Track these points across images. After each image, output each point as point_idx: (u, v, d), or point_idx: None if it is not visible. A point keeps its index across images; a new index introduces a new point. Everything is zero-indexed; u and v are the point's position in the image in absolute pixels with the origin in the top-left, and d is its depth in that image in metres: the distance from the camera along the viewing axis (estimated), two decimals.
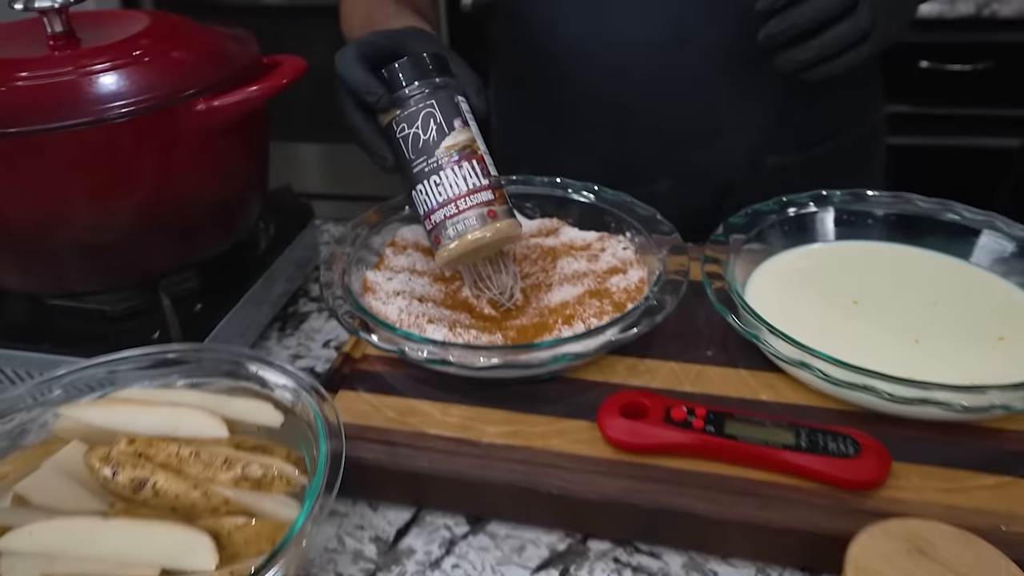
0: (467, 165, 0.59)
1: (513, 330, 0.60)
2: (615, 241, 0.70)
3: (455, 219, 0.59)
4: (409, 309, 0.62)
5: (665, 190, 0.87)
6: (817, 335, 0.56)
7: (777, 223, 0.69)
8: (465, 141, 0.60)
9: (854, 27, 0.63)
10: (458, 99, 0.61)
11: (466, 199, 0.59)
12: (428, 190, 0.60)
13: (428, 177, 0.60)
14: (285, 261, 0.74)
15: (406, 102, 0.60)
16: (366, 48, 0.62)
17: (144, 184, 0.57)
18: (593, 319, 0.60)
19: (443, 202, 0.59)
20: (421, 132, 0.60)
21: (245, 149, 0.64)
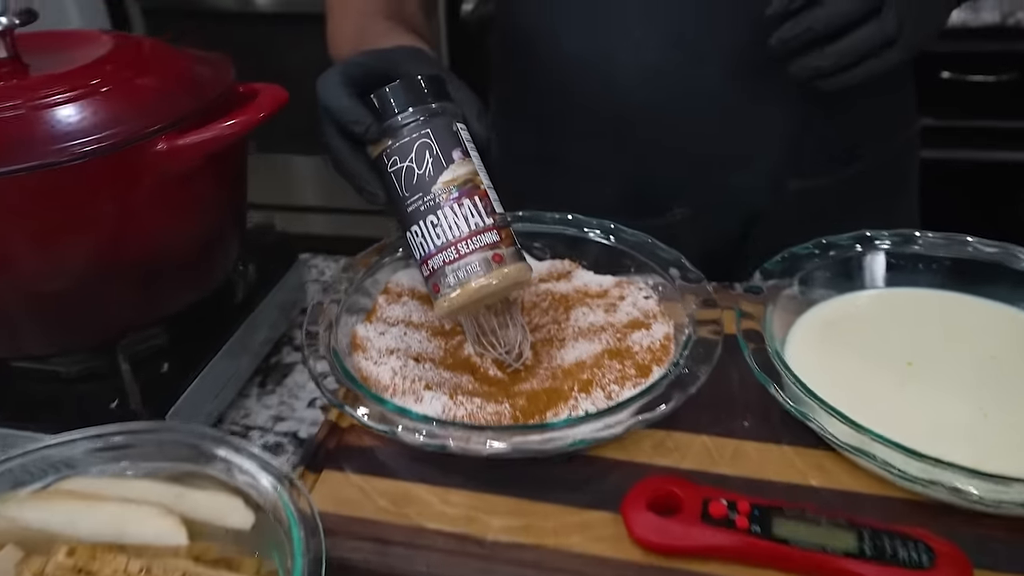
0: (468, 203, 0.52)
1: (523, 397, 0.53)
2: (635, 288, 0.62)
3: (456, 265, 0.52)
4: (404, 371, 0.55)
5: (683, 220, 0.79)
6: (870, 406, 0.49)
7: (817, 268, 0.61)
8: (466, 175, 0.52)
9: (878, 32, 0.56)
10: (457, 127, 0.53)
11: (468, 242, 0.52)
12: (424, 232, 0.52)
13: (424, 217, 0.52)
14: (267, 307, 0.67)
15: (398, 132, 0.52)
16: (352, 70, 0.55)
17: (97, 234, 0.50)
18: (614, 385, 0.53)
19: (441, 245, 0.52)
20: (415, 166, 0.52)
21: (218, 188, 0.56)
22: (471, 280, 0.52)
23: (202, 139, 0.49)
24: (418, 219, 0.53)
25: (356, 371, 0.56)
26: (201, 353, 0.59)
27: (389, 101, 0.53)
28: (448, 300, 0.53)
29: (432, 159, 0.52)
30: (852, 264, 0.62)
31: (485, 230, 0.52)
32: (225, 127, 0.50)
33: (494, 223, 0.52)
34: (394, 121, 0.53)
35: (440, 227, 0.52)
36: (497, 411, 0.52)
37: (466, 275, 0.52)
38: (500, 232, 0.52)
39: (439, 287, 0.53)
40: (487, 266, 0.52)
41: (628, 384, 0.53)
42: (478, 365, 0.57)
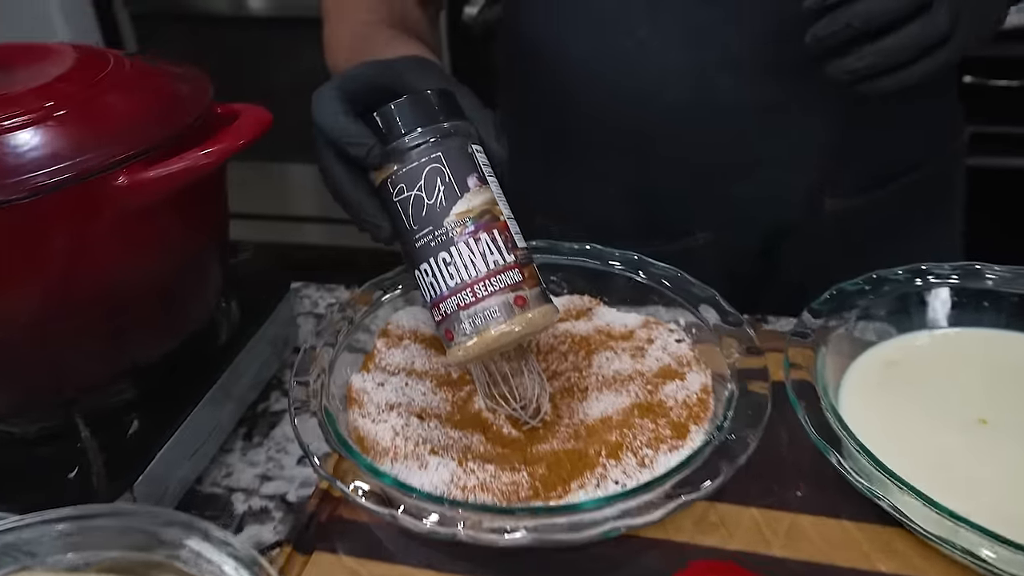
0: (486, 237, 0.45)
1: (542, 463, 0.46)
2: (665, 330, 0.56)
3: (472, 310, 0.45)
4: (406, 431, 0.48)
5: (705, 244, 0.73)
6: (942, 475, 0.42)
7: (869, 306, 0.54)
8: (483, 205, 0.46)
9: (930, 28, 0.49)
10: (472, 148, 0.47)
11: (486, 283, 0.45)
12: (436, 271, 0.46)
13: (436, 254, 0.46)
14: (255, 347, 0.60)
15: (405, 155, 0.46)
16: (352, 85, 0.48)
17: (47, 278, 0.43)
18: (647, 449, 0.46)
19: (455, 287, 0.45)
20: (425, 195, 0.46)
21: (192, 222, 0.50)
22: (490, 327, 0.45)
23: (170, 171, 0.42)
24: (428, 256, 0.46)
25: (352, 431, 0.49)
26: (177, 406, 0.52)
27: (394, 120, 0.46)
28: (464, 349, 0.46)
29: (444, 187, 0.45)
30: (909, 301, 0.55)
31: (505, 269, 0.45)
32: (198, 157, 0.43)
33: (516, 260, 0.46)
34: (400, 143, 0.46)
35: (454, 266, 0.45)
36: (514, 481, 0.45)
37: (484, 321, 0.45)
38: (523, 271, 0.46)
39: (452, 334, 0.46)
40: (508, 311, 0.45)
41: (663, 448, 0.46)
42: (490, 422, 0.50)
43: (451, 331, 0.47)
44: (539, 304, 0.46)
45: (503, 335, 0.45)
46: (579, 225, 0.70)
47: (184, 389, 0.54)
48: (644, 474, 0.45)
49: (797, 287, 0.74)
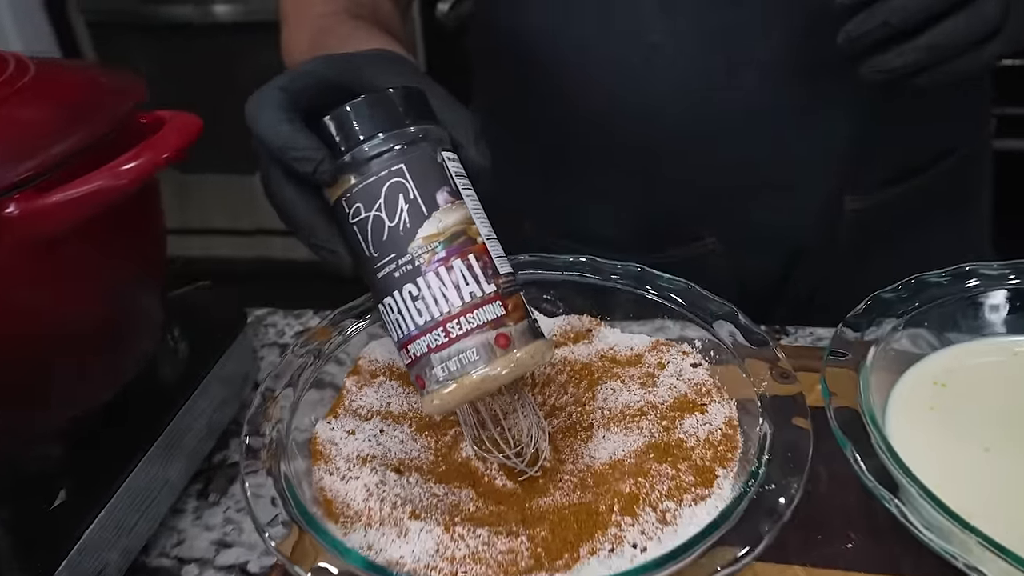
0: (460, 265, 0.38)
1: (544, 524, 0.39)
2: (678, 352, 0.48)
3: (446, 352, 0.38)
4: (381, 490, 0.40)
5: (712, 252, 0.66)
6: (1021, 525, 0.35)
7: (911, 315, 0.47)
8: (456, 225, 0.38)
9: (977, 21, 0.43)
10: (443, 157, 0.39)
11: (461, 320, 0.38)
12: (402, 307, 0.38)
13: (400, 286, 0.38)
14: (207, 391, 0.52)
15: (361, 169, 0.38)
16: (298, 84, 0.41)
17: None
18: (668, 502, 0.39)
19: (426, 326, 0.38)
20: (385, 216, 0.38)
21: (119, 251, 0.42)
22: (467, 373, 0.38)
23: (75, 196, 0.34)
24: (392, 289, 0.39)
25: (318, 491, 0.41)
26: (115, 466, 0.45)
27: (348, 126, 0.39)
28: (439, 397, 0.39)
29: (408, 205, 0.38)
30: (956, 307, 0.48)
31: (484, 302, 0.38)
32: (110, 177, 0.35)
33: (497, 291, 0.38)
34: (356, 154, 0.38)
35: (422, 300, 0.38)
36: (511, 548, 0.37)
37: (460, 366, 0.38)
38: (505, 303, 0.38)
39: (424, 381, 0.39)
40: (488, 353, 0.38)
41: (687, 499, 0.39)
42: (481, 472, 0.43)
43: (422, 378, 0.39)
44: (526, 341, 0.39)
45: (483, 382, 0.38)
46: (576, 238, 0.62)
47: (123, 445, 0.46)
48: (667, 535, 0.37)
49: (812, 293, 0.67)
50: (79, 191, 0.35)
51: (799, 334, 0.60)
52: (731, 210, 0.64)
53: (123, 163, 0.36)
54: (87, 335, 0.42)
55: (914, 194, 0.65)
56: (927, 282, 0.48)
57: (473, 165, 0.41)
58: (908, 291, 0.48)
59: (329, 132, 0.39)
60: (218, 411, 0.53)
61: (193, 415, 0.50)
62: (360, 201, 0.39)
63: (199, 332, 0.54)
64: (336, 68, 0.42)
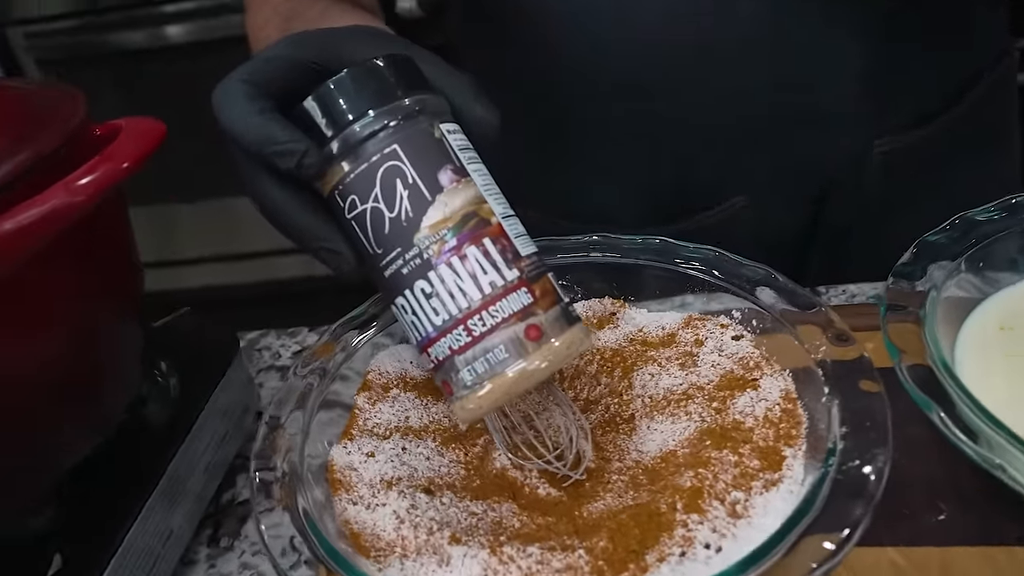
0: (475, 252, 0.33)
1: (601, 533, 0.34)
2: (715, 326, 0.44)
3: (471, 352, 0.34)
4: (413, 516, 0.36)
5: (734, 214, 0.61)
6: None
7: (964, 256, 0.43)
8: (465, 206, 0.34)
9: None
10: (442, 130, 0.35)
11: (484, 315, 0.33)
12: (416, 306, 0.34)
13: (411, 284, 0.34)
14: (205, 426, 0.47)
15: (350, 155, 0.34)
16: (267, 69, 0.36)
17: None
18: (736, 492, 0.34)
19: (445, 325, 0.34)
20: (384, 206, 0.34)
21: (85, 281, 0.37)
22: (498, 373, 0.33)
23: (27, 222, 0.30)
24: (402, 287, 0.34)
25: (343, 524, 0.37)
26: (112, 523, 0.40)
27: (330, 107, 0.34)
28: (470, 403, 0.34)
29: (408, 191, 0.34)
30: (1009, 243, 0.44)
31: (508, 290, 0.33)
32: (63, 196, 0.30)
33: (521, 275, 0.34)
34: (343, 138, 0.34)
35: (437, 297, 0.34)
36: (569, 565, 0.33)
37: (488, 367, 0.33)
38: (532, 288, 0.34)
39: (451, 387, 0.35)
40: (519, 348, 0.33)
41: (756, 485, 0.35)
42: (520, 482, 0.39)
43: (449, 383, 0.35)
44: (561, 329, 0.34)
45: (517, 381, 0.34)
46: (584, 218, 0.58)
47: (119, 498, 0.41)
48: (741, 529, 0.33)
49: (839, 250, 0.64)
50: (32, 214, 0.30)
51: (831, 293, 0.56)
52: (750, 154, 0.59)
53: (79, 177, 0.31)
54: (60, 380, 0.37)
55: (943, 135, 0.61)
56: (975, 220, 0.44)
57: (480, 124, 0.36)
58: (956, 231, 0.44)
59: (310, 117, 0.34)
60: (220, 447, 0.49)
61: (192, 455, 0.46)
62: (354, 192, 0.34)
63: (188, 364, 0.49)
64: (309, 47, 0.38)
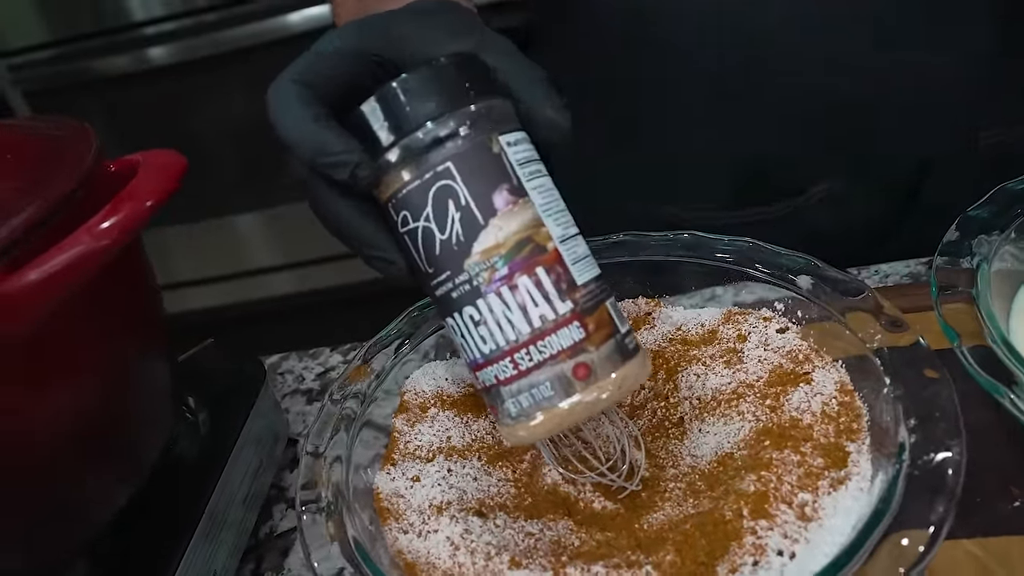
0: (527, 282, 0.32)
1: (667, 546, 0.33)
2: (757, 319, 0.43)
3: (515, 386, 0.32)
4: (468, 541, 0.35)
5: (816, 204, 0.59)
6: None
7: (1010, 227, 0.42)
8: (520, 231, 0.32)
9: None
10: (501, 143, 0.32)
11: (531, 350, 0.32)
12: (464, 331, 0.33)
13: (459, 308, 0.33)
14: (239, 461, 0.46)
15: (405, 168, 0.32)
16: (322, 70, 0.34)
17: None
18: (803, 493, 0.33)
19: (492, 355, 0.33)
20: (435, 227, 0.32)
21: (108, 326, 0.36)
22: (542, 409, 0.32)
23: (52, 271, 0.28)
24: (452, 310, 0.33)
25: (396, 554, 0.36)
26: (154, 570, 0.39)
27: (390, 114, 0.32)
28: (518, 431, 0.33)
29: (460, 213, 0.32)
30: None
31: (558, 325, 0.32)
32: (88, 242, 0.29)
33: (574, 309, 0.32)
34: (397, 150, 0.32)
35: (484, 326, 0.32)
36: None
37: (532, 402, 0.32)
38: (585, 322, 0.32)
39: (496, 412, 0.34)
40: (565, 386, 0.32)
41: (823, 485, 0.33)
42: (574, 497, 0.37)
43: (495, 408, 0.34)
44: (613, 367, 0.32)
45: (563, 418, 0.32)
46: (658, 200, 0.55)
47: (158, 543, 0.40)
48: (813, 532, 0.32)
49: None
50: (57, 262, 0.29)
51: (864, 275, 0.54)
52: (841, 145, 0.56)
53: (102, 220, 0.30)
54: (93, 432, 0.36)
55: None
56: (1014, 191, 0.43)
57: (550, 128, 0.34)
58: (996, 204, 0.43)
59: (366, 124, 0.32)
60: (255, 479, 0.48)
61: (229, 491, 0.45)
62: (407, 208, 0.33)
63: (216, 396, 0.48)
64: (370, 37, 0.35)
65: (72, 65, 1.71)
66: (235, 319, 1.90)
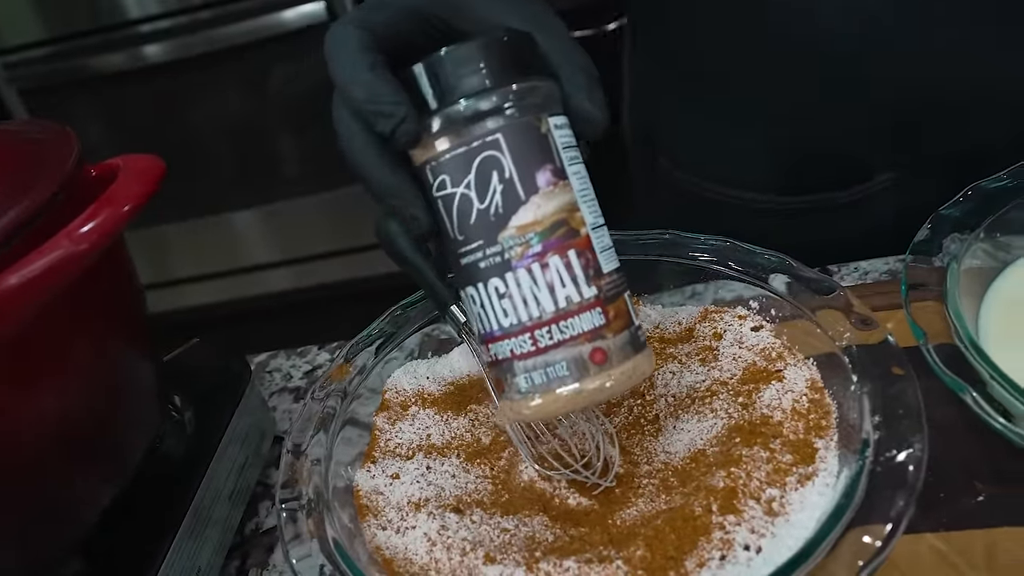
0: (558, 263, 0.33)
1: (638, 541, 0.34)
2: (732, 317, 0.43)
3: (531, 362, 0.33)
4: (445, 537, 0.36)
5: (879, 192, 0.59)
6: None
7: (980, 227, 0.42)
8: (557, 212, 0.33)
9: None
10: (549, 124, 0.33)
11: (553, 329, 0.33)
12: (485, 302, 0.33)
13: (485, 279, 0.33)
14: (224, 459, 0.47)
15: (450, 133, 0.33)
16: (383, 19, 0.35)
17: None
18: (771, 489, 0.34)
19: (511, 329, 0.33)
20: (475, 195, 0.33)
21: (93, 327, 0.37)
22: (553, 389, 0.33)
23: (32, 275, 0.29)
24: (475, 279, 0.33)
25: (374, 551, 0.36)
26: (140, 566, 0.40)
27: (437, 79, 0.32)
28: (521, 408, 0.34)
29: (503, 186, 0.32)
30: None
31: (582, 308, 0.33)
32: (67, 245, 0.30)
33: (598, 295, 0.33)
34: (446, 115, 0.32)
35: (509, 299, 0.33)
36: (608, 574, 0.33)
37: (546, 380, 0.33)
38: (607, 310, 0.33)
39: (504, 386, 0.34)
40: (580, 369, 0.32)
41: (791, 481, 0.34)
42: (549, 494, 0.38)
43: (503, 382, 0.34)
44: (625, 357, 0.33)
45: (570, 401, 0.33)
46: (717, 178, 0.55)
47: (144, 539, 0.41)
48: (780, 527, 0.33)
49: None
50: (37, 266, 0.29)
51: (843, 272, 0.55)
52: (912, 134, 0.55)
53: (81, 224, 0.31)
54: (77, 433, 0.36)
55: None
56: (987, 189, 0.44)
57: (585, 120, 0.34)
58: (970, 203, 0.43)
59: (416, 84, 0.33)
60: (241, 476, 0.48)
61: (214, 488, 0.45)
62: (446, 173, 0.33)
63: (202, 395, 0.48)
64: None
65: (68, 63, 1.72)
66: (231, 316, 1.91)
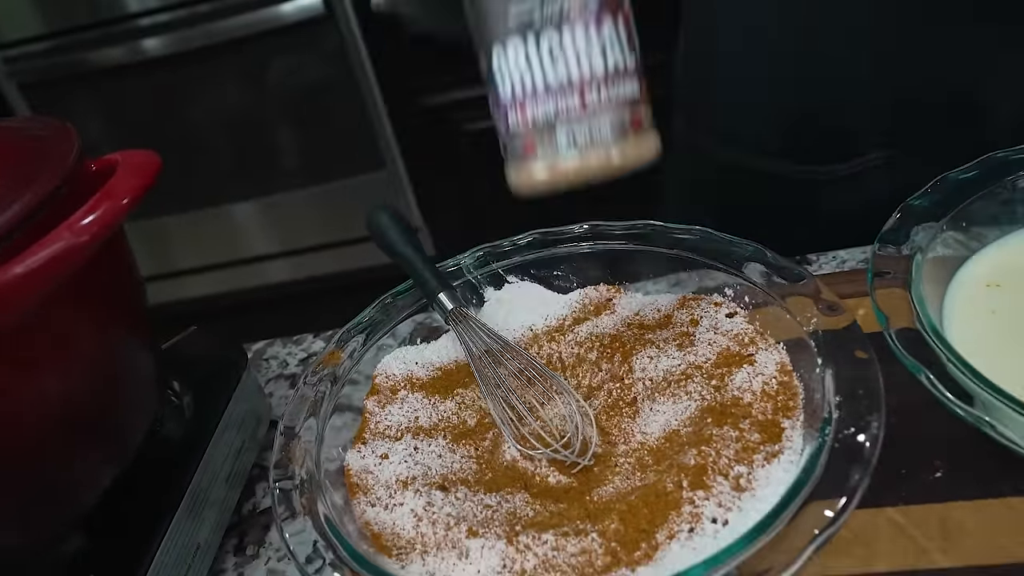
0: (610, 26, 0.34)
1: (612, 515, 0.36)
2: (708, 305, 0.45)
3: (577, 119, 0.34)
4: (430, 513, 0.37)
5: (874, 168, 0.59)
6: None
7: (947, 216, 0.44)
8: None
9: None
10: None
11: (603, 89, 0.34)
12: (533, 54, 0.34)
13: (538, 32, 0.33)
14: (221, 442, 0.49)
15: None
16: None
17: None
18: (739, 466, 0.36)
19: (559, 85, 0.34)
20: None
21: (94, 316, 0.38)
22: (595, 148, 0.34)
23: (35, 266, 0.31)
24: (520, 31, 0.34)
25: (363, 526, 0.38)
26: (140, 543, 0.41)
27: None
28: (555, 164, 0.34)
29: None
30: (990, 201, 0.45)
31: (627, 75, 0.34)
32: (69, 238, 0.31)
33: (637, 67, 0.34)
34: None
35: (564, 57, 0.33)
36: (584, 549, 0.35)
37: (588, 139, 0.34)
38: (643, 82, 0.35)
39: (535, 146, 0.35)
40: (621, 132, 0.34)
41: (758, 459, 0.36)
42: (531, 472, 0.40)
43: (535, 143, 0.34)
44: (652, 129, 0.35)
45: (607, 162, 0.34)
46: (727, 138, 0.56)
47: (145, 518, 0.43)
48: (746, 501, 0.34)
49: None
50: (41, 257, 0.31)
51: (822, 260, 0.57)
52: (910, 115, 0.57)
53: (82, 217, 0.32)
54: (79, 417, 0.38)
55: None
56: (955, 180, 0.45)
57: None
58: (938, 193, 0.45)
59: None
60: (237, 459, 0.50)
61: (212, 470, 0.47)
62: None
63: (200, 381, 0.50)
64: None
65: (67, 57, 1.73)
66: (231, 306, 1.93)
